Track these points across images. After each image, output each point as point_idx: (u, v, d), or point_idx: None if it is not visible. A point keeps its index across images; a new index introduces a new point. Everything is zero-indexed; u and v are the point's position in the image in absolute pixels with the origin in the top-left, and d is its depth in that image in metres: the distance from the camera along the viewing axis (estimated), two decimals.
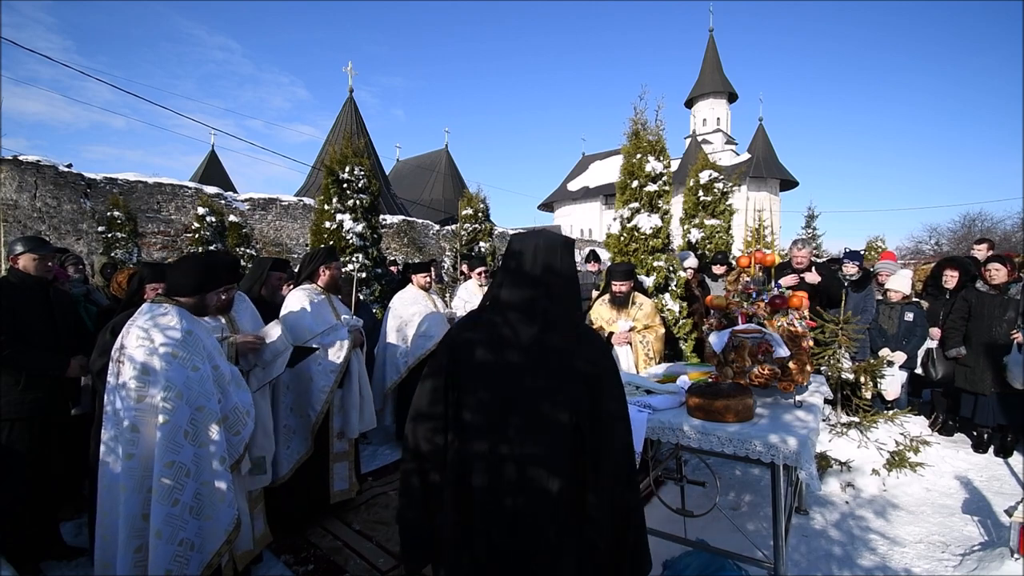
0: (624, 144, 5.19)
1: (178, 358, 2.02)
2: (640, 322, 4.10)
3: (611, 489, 1.42)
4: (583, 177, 40.54)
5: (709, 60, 37.20)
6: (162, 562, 1.88)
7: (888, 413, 4.13)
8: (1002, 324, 4.41)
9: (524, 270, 1.50)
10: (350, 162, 6.16)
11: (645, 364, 4.03)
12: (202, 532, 1.98)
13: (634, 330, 4.07)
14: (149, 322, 2.05)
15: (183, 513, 1.94)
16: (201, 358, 2.09)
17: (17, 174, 9.26)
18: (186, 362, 2.03)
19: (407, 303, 4.72)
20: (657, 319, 4.21)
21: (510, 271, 1.52)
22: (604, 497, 1.41)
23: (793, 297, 2.97)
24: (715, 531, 3.03)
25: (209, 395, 2.07)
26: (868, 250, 13.80)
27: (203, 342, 2.14)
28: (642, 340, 4.06)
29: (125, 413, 1.98)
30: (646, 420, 2.43)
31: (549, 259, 1.50)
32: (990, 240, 6.19)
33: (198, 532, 1.97)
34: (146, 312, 2.10)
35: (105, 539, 2.02)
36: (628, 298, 4.12)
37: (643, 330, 4.09)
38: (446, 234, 16.23)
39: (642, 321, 4.11)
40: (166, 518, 1.90)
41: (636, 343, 4.06)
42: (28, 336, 2.73)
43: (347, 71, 23.54)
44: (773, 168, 33.75)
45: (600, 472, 1.41)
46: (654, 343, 4.08)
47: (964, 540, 3.10)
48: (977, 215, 24.97)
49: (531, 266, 1.49)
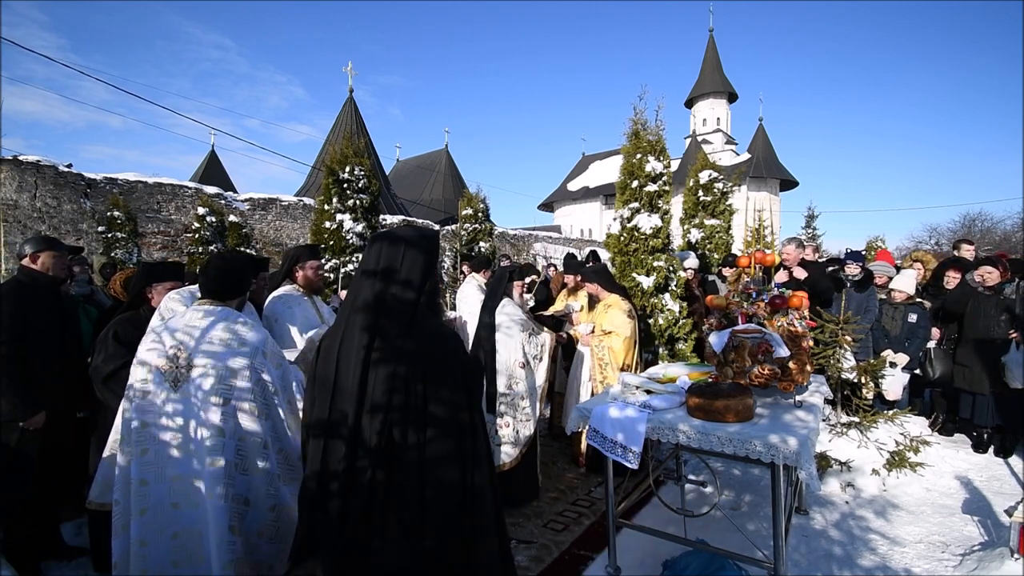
0: (624, 144, 5.18)
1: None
2: (601, 326, 4.04)
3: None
4: (583, 177, 40.51)
5: (709, 60, 37.17)
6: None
7: (888, 413, 4.13)
8: (999, 324, 4.42)
9: (367, 270, 1.57)
10: (350, 162, 6.16)
11: (600, 370, 3.97)
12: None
13: (593, 333, 4.05)
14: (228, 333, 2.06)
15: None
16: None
17: (17, 174, 9.25)
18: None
19: None
20: (624, 326, 3.95)
21: (360, 271, 1.62)
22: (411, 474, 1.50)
23: (793, 297, 2.97)
24: (715, 531, 3.03)
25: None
26: (868, 250, 13.79)
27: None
28: (598, 345, 4.01)
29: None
30: (646, 420, 2.43)
31: (391, 259, 1.55)
32: (968, 240, 6.28)
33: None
34: (220, 321, 2.06)
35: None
36: (592, 299, 4.21)
37: (603, 335, 4.02)
38: (446, 234, 16.23)
39: (604, 326, 4.02)
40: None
41: (592, 347, 4.03)
42: (36, 339, 2.71)
43: (347, 71, 23.59)
44: (773, 168, 33.73)
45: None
46: (611, 349, 3.95)
47: (964, 540, 3.10)
48: (977, 215, 25.04)
49: (374, 265, 1.56)
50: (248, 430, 2.00)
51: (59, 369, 2.83)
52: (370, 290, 1.54)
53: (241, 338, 2.04)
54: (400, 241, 1.58)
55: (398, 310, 1.53)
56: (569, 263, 4.34)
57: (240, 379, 1.99)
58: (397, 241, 1.58)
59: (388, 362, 1.48)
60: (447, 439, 1.49)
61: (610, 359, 3.95)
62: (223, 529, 1.89)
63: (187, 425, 1.99)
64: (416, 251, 1.57)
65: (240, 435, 1.98)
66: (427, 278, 1.58)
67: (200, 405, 1.96)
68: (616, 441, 2.48)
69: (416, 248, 1.58)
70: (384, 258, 1.55)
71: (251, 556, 1.95)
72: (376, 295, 1.53)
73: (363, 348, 1.48)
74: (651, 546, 2.92)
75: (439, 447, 1.48)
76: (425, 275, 1.58)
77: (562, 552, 2.97)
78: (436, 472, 1.47)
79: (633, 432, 2.43)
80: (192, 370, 1.98)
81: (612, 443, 2.49)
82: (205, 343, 2.00)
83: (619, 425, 2.48)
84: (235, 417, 1.98)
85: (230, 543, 1.89)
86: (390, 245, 1.57)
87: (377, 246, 1.59)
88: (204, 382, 1.96)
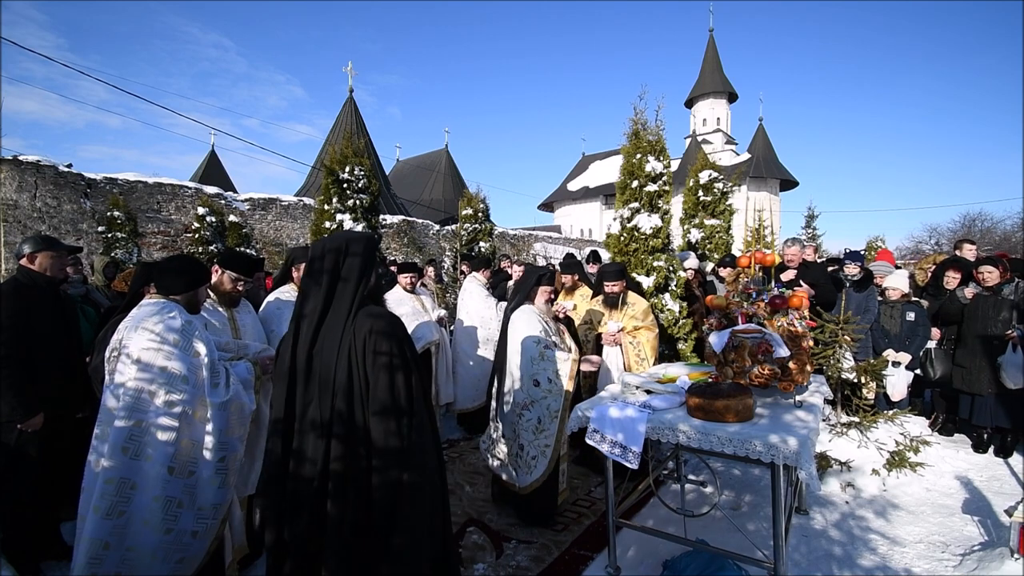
0: (624, 144, 5.18)
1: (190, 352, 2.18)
2: (631, 323, 4.06)
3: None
4: (583, 177, 40.51)
5: (709, 60, 37.17)
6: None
7: (888, 413, 4.13)
8: (997, 324, 4.43)
9: (312, 270, 1.77)
10: (350, 162, 6.16)
11: (637, 366, 3.99)
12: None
13: (623, 331, 4.05)
14: (159, 324, 2.11)
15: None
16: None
17: (17, 174, 9.25)
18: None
19: (392, 305, 4.69)
20: (650, 319, 4.15)
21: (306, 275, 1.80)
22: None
23: (793, 297, 2.97)
24: (715, 531, 3.03)
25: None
26: (868, 250, 13.80)
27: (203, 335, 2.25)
28: (632, 341, 4.02)
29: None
30: (646, 420, 2.43)
31: (333, 261, 1.74)
32: (970, 239, 6.27)
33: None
34: (155, 313, 2.15)
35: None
36: (619, 298, 4.10)
37: (633, 331, 4.04)
38: (446, 234, 16.22)
39: (633, 322, 4.05)
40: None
41: (626, 344, 4.03)
42: (36, 340, 2.70)
43: (347, 71, 23.56)
44: (773, 168, 33.73)
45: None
46: (646, 344, 4.03)
47: (964, 540, 3.10)
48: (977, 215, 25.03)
49: (319, 266, 1.75)
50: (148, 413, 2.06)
51: (59, 370, 2.83)
52: (316, 288, 1.73)
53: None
54: (337, 247, 1.77)
55: (342, 303, 1.70)
56: (610, 269, 4.28)
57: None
58: (335, 248, 1.77)
59: (332, 348, 1.64)
60: (383, 416, 1.59)
61: (647, 354, 4.00)
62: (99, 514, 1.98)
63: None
64: (352, 255, 1.76)
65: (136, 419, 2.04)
66: (364, 275, 1.75)
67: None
68: (616, 441, 2.48)
69: (352, 252, 1.77)
70: (327, 260, 1.75)
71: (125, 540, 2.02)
72: (325, 292, 1.72)
73: (309, 340, 1.68)
74: (651, 546, 2.92)
75: (376, 423, 1.59)
76: (362, 273, 1.75)
77: (562, 552, 2.97)
78: (376, 449, 1.59)
79: (633, 432, 2.43)
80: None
81: (612, 443, 2.49)
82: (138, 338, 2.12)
83: (619, 425, 2.48)
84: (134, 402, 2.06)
85: (110, 526, 1.99)
86: (330, 249, 1.77)
87: (317, 250, 1.79)
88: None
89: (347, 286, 1.72)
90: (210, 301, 2.70)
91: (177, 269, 2.32)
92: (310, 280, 1.75)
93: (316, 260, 1.76)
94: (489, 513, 3.44)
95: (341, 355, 1.63)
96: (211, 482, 2.14)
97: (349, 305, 1.69)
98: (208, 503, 2.13)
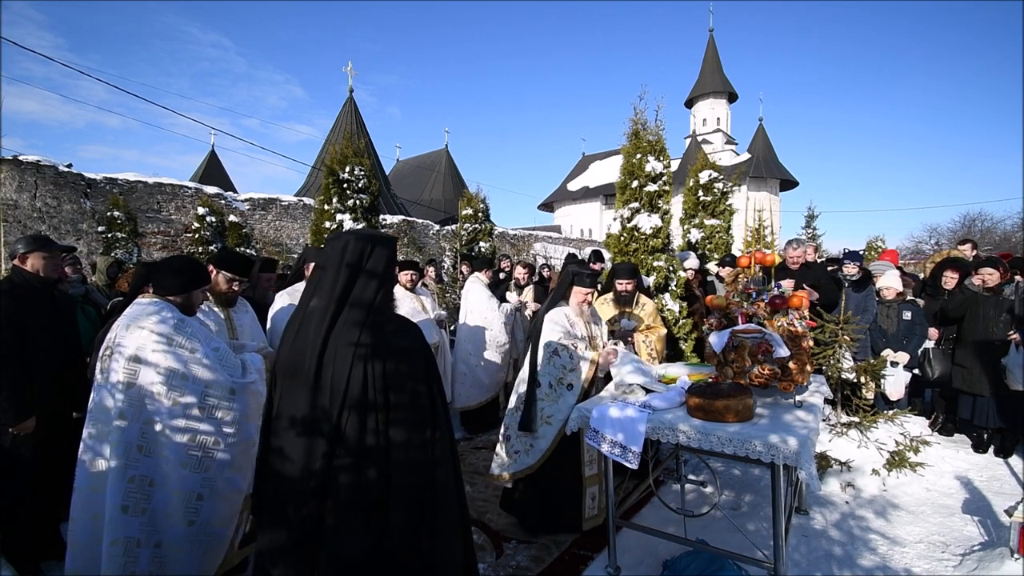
0: (624, 144, 5.18)
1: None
2: (643, 321, 4.10)
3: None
4: (583, 177, 40.51)
5: (709, 60, 37.17)
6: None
7: (888, 413, 4.13)
8: (998, 325, 4.42)
9: (330, 263, 1.62)
10: (350, 162, 6.16)
11: (648, 364, 4.02)
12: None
13: (637, 330, 4.07)
14: (154, 323, 2.12)
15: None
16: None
17: (17, 174, 9.25)
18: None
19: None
20: (658, 319, 4.21)
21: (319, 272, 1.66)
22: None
23: (793, 297, 2.97)
24: (715, 531, 3.03)
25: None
26: (868, 250, 13.79)
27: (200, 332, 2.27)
28: (645, 340, 4.06)
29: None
30: (646, 420, 2.43)
31: (357, 253, 1.60)
32: (971, 240, 6.27)
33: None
34: (153, 313, 2.16)
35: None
36: (632, 297, 4.12)
37: (645, 330, 4.09)
38: (446, 234, 16.23)
39: (645, 321, 4.11)
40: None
41: (639, 342, 4.06)
42: (32, 340, 2.69)
43: (347, 71, 23.58)
44: (773, 168, 33.74)
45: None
46: (656, 343, 4.08)
47: (964, 540, 3.10)
48: (977, 215, 24.99)
49: (338, 259, 1.60)
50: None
51: (56, 370, 2.82)
52: (332, 282, 1.58)
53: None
54: (367, 238, 1.65)
55: (361, 301, 1.57)
56: (623, 268, 4.28)
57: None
58: (363, 238, 1.65)
59: (347, 352, 1.51)
60: (408, 428, 1.51)
61: (656, 352, 4.03)
62: (116, 507, 1.98)
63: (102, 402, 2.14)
64: (382, 247, 1.65)
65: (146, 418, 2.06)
66: (388, 274, 1.65)
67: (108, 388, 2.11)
68: (616, 441, 2.48)
69: (382, 245, 1.65)
70: (351, 252, 1.60)
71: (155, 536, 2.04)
72: (343, 287, 1.57)
73: (320, 341, 1.52)
74: (651, 546, 2.92)
75: (399, 435, 1.50)
76: (387, 271, 1.64)
77: (562, 552, 2.97)
78: (398, 462, 1.50)
79: (633, 432, 2.43)
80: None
81: (612, 443, 2.49)
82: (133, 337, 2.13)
83: (619, 425, 2.48)
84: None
85: (124, 522, 1.98)
86: (356, 241, 1.63)
87: (342, 241, 1.64)
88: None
89: (369, 284, 1.58)
90: (206, 302, 2.69)
91: (176, 269, 2.33)
92: (324, 273, 1.60)
93: (338, 251, 1.60)
94: (489, 513, 3.44)
95: (355, 368, 1.49)
96: (227, 469, 2.18)
97: (368, 308, 1.56)
98: (225, 491, 2.19)
